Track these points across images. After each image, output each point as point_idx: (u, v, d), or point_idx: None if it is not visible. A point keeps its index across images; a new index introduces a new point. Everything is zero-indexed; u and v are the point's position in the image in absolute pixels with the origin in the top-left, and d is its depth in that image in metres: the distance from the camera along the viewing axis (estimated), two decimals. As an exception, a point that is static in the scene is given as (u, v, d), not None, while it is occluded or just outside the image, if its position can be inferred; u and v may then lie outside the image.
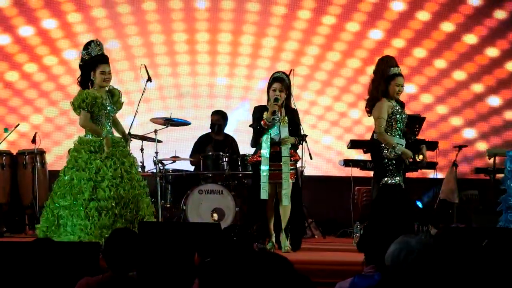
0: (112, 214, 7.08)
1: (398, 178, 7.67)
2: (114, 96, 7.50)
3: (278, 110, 7.76)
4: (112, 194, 7.10)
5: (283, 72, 7.96)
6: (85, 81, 7.43)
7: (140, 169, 8.21)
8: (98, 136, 7.25)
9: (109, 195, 7.09)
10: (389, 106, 7.73)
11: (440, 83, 11.27)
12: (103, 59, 7.38)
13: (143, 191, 7.38)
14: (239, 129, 10.37)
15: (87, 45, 7.47)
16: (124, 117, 8.34)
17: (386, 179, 7.67)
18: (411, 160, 7.94)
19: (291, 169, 7.79)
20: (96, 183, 7.13)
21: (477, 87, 11.32)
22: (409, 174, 8.49)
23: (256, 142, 7.93)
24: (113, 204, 7.08)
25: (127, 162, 7.35)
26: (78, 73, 7.54)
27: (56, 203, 7.23)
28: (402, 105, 7.86)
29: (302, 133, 8.19)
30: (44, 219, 7.31)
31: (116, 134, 7.56)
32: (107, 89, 7.46)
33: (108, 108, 7.40)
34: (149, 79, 7.84)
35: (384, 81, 7.72)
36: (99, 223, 7.02)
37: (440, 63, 11.30)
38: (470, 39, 11.31)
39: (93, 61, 7.35)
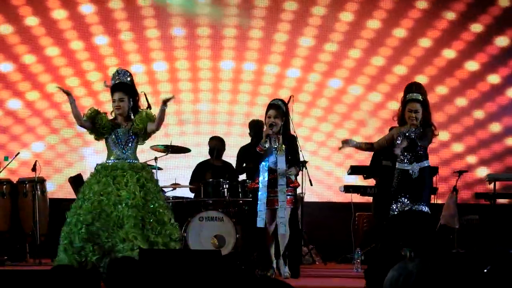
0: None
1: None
2: (137, 118, 7.49)
3: (276, 137, 7.78)
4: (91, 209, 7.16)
5: (280, 99, 7.99)
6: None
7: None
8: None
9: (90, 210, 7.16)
10: (395, 133, 7.78)
11: (442, 109, 11.30)
12: (115, 87, 7.43)
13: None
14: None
15: (112, 74, 7.54)
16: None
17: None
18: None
19: (289, 195, 7.80)
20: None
21: (479, 114, 11.36)
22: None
23: (255, 168, 7.95)
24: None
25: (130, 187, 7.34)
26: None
27: None
28: (418, 131, 7.74)
29: (302, 159, 8.20)
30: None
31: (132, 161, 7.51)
32: (132, 115, 7.48)
33: (115, 134, 7.43)
34: (149, 107, 7.85)
35: (401, 107, 7.77)
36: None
37: (442, 90, 11.37)
38: (472, 65, 11.36)
39: (111, 90, 7.43)
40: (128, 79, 7.49)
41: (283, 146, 7.78)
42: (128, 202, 7.13)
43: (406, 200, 7.69)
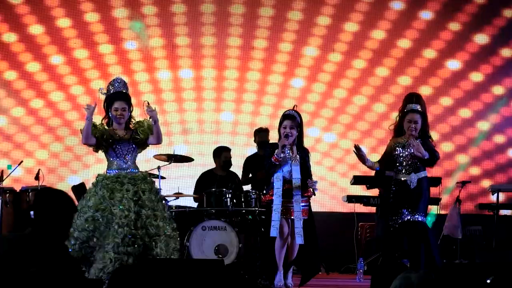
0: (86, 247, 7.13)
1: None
2: (139, 128, 7.48)
3: (290, 148, 7.75)
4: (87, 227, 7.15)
5: (295, 110, 7.93)
6: (107, 117, 7.49)
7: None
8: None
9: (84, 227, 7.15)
10: (392, 144, 7.73)
11: (445, 121, 11.31)
12: (117, 96, 7.42)
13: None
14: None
15: (110, 83, 7.55)
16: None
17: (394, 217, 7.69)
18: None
19: (304, 206, 7.78)
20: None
21: (484, 125, 11.39)
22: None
23: (268, 179, 7.92)
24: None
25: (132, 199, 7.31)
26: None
27: None
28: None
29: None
30: None
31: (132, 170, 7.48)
32: (131, 125, 7.47)
33: (115, 145, 7.40)
34: (151, 116, 7.86)
35: (399, 117, 7.74)
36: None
37: (446, 101, 11.39)
38: (477, 77, 11.40)
39: (110, 98, 7.42)
40: (124, 90, 7.51)
41: (298, 156, 7.76)
42: (120, 221, 7.13)
43: (405, 211, 7.64)
